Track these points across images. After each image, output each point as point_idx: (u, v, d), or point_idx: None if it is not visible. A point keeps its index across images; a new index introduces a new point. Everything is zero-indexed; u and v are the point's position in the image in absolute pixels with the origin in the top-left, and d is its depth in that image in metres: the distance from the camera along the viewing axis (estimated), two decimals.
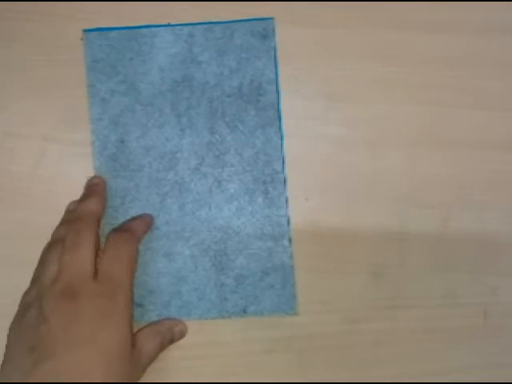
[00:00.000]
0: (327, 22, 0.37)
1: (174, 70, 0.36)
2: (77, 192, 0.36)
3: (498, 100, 0.37)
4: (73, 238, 0.32)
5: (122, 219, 0.36)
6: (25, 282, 0.35)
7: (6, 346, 0.31)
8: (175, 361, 0.36)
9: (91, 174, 0.36)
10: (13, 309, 0.35)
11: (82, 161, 0.36)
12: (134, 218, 0.36)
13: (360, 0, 0.37)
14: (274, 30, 0.36)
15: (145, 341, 0.33)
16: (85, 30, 0.36)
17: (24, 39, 0.37)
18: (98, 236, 0.33)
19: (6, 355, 0.30)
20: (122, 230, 0.34)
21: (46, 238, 0.35)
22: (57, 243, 0.33)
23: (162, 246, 0.36)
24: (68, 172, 0.36)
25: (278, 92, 0.36)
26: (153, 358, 0.33)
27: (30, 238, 0.35)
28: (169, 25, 0.36)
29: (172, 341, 0.35)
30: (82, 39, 0.37)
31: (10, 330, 0.31)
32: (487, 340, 0.36)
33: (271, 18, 0.36)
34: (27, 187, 0.36)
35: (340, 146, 0.37)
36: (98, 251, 0.32)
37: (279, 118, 0.36)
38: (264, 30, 0.36)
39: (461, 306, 0.36)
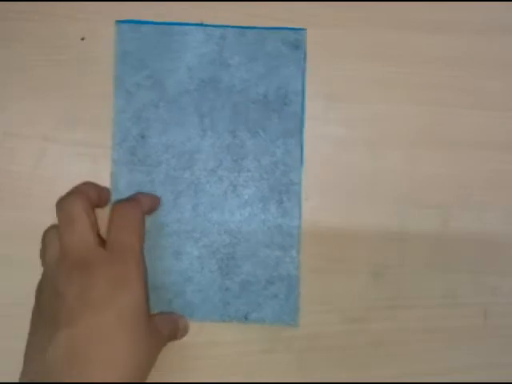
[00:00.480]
0: (327, 22, 0.37)
1: (201, 70, 0.36)
2: None
3: (498, 100, 0.37)
4: (66, 216, 0.32)
5: None
6: (25, 282, 0.35)
7: (28, 334, 0.31)
8: (175, 361, 0.36)
9: (91, 174, 0.36)
10: (13, 309, 0.35)
11: (82, 161, 0.36)
12: (140, 193, 0.36)
13: (360, 0, 0.37)
14: (305, 41, 0.36)
15: (160, 323, 0.33)
16: (117, 21, 0.36)
17: (24, 39, 0.37)
18: (93, 209, 0.33)
19: (27, 340, 0.31)
20: (127, 199, 0.35)
21: None
22: (52, 227, 0.33)
23: (171, 243, 0.36)
24: (68, 172, 0.36)
25: (303, 103, 0.36)
26: (166, 342, 0.33)
27: (30, 238, 0.35)
28: (201, 24, 0.36)
29: (176, 335, 0.35)
30: (82, 39, 0.37)
31: (31, 320, 0.32)
32: (487, 340, 0.36)
33: (304, 29, 0.36)
34: (27, 187, 0.36)
35: (340, 146, 0.37)
36: (96, 222, 0.32)
37: (301, 130, 0.36)
38: (296, 41, 0.36)
39: (461, 306, 0.36)
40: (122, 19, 0.36)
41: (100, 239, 0.32)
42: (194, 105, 0.36)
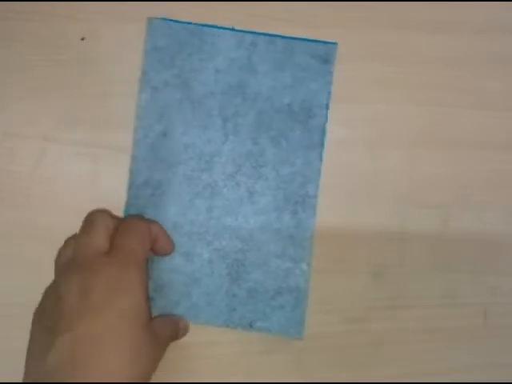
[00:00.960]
0: (327, 22, 0.37)
1: (229, 74, 0.36)
2: (77, 192, 0.36)
3: (498, 100, 0.37)
4: (86, 224, 0.33)
5: (149, 210, 0.36)
6: (25, 282, 0.35)
7: (30, 334, 0.31)
8: (176, 361, 0.36)
9: (91, 174, 0.36)
10: (13, 309, 0.35)
11: (82, 161, 0.36)
12: (160, 229, 0.35)
13: (360, 0, 0.37)
14: (335, 55, 0.36)
15: (160, 326, 0.33)
16: (150, 18, 0.36)
17: (24, 39, 0.37)
18: (112, 226, 0.33)
19: (28, 346, 0.31)
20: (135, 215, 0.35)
21: (46, 238, 0.36)
22: (74, 234, 0.34)
23: (182, 244, 0.36)
24: (68, 172, 0.36)
25: (326, 117, 0.36)
26: (167, 343, 0.33)
27: (30, 238, 0.36)
28: (233, 29, 0.36)
29: (177, 335, 0.35)
30: (82, 39, 0.37)
31: (32, 325, 0.32)
32: (487, 340, 0.36)
33: (334, 43, 0.36)
34: (27, 187, 0.36)
35: (340, 146, 0.37)
36: (112, 234, 0.32)
37: (323, 143, 0.36)
38: (325, 54, 0.36)
39: (461, 306, 0.36)
40: (155, 16, 0.37)
41: None
42: (219, 108, 0.36)
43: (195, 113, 0.36)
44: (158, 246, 0.34)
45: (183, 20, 0.36)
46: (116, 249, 0.31)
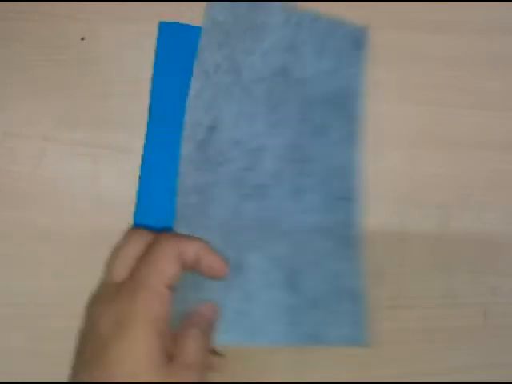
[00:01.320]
0: None
1: (275, 57, 0.34)
2: (77, 192, 0.36)
3: (498, 100, 0.37)
4: (114, 249, 0.31)
5: (195, 216, 0.33)
6: (24, 282, 0.35)
7: None
8: None
9: (91, 173, 0.36)
10: (12, 309, 0.35)
11: (82, 161, 0.36)
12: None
13: (360, 0, 0.37)
14: (369, 40, 0.35)
15: (186, 356, 0.27)
16: None
17: (24, 39, 0.37)
18: (141, 248, 0.30)
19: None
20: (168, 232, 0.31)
21: (46, 238, 0.36)
22: None
23: (232, 256, 0.32)
24: (68, 172, 0.36)
25: (363, 107, 0.35)
26: (205, 371, 0.28)
27: (30, 238, 0.36)
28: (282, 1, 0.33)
29: (212, 361, 0.31)
30: (82, 39, 0.37)
31: None
32: (487, 340, 0.36)
33: (366, 28, 0.35)
34: (27, 187, 0.36)
35: None
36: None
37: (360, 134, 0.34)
38: (360, 39, 0.35)
39: (461, 306, 0.36)
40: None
41: None
42: (264, 95, 0.33)
43: (243, 102, 0.33)
44: (204, 268, 0.30)
45: None
46: (129, 278, 0.28)
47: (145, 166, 0.36)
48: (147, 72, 0.37)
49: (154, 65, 0.36)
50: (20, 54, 0.37)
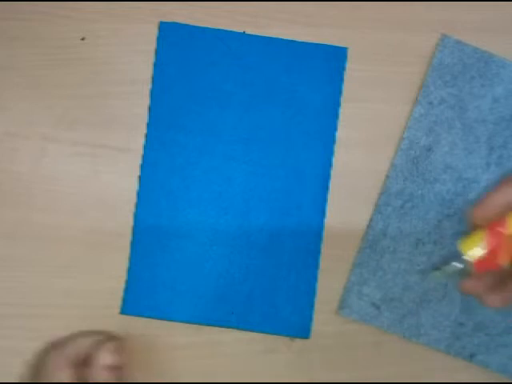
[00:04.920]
0: (328, 22, 0.37)
1: (505, 106, 0.36)
2: (77, 192, 0.36)
3: None
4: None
5: (394, 220, 0.36)
6: (24, 282, 0.35)
7: None
8: (175, 361, 0.36)
9: (91, 174, 0.36)
10: (12, 309, 0.35)
11: (82, 161, 0.36)
12: None
13: (360, 0, 0.37)
14: None
15: None
16: (443, 34, 0.37)
17: (24, 39, 0.37)
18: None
19: None
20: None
21: (46, 237, 0.36)
22: None
23: (419, 262, 0.35)
24: (68, 172, 0.36)
25: None
26: None
27: (30, 238, 0.36)
28: None
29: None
30: (82, 39, 0.37)
31: None
32: None
33: None
34: (27, 187, 0.36)
35: (340, 145, 0.37)
36: None
37: None
38: None
39: None
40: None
41: None
42: (488, 136, 0.36)
43: (463, 135, 0.36)
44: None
45: None
46: None
47: (145, 165, 0.36)
48: (147, 72, 0.37)
49: (154, 64, 0.36)
50: (20, 53, 0.37)
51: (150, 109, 0.36)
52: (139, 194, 0.36)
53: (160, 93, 0.36)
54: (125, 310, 0.35)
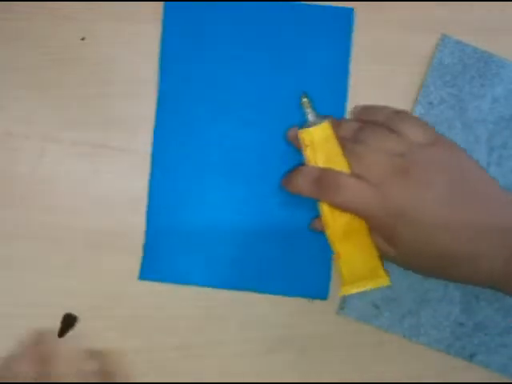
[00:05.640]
0: None
1: (505, 106, 0.36)
2: (77, 192, 0.36)
3: None
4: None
5: None
6: (24, 282, 0.35)
7: None
8: (175, 361, 0.36)
9: (91, 174, 0.36)
10: (12, 308, 0.35)
11: (82, 161, 0.36)
12: None
13: (360, 0, 0.37)
14: None
15: None
16: (444, 34, 0.37)
17: (24, 39, 0.37)
18: None
19: None
20: None
21: (46, 237, 0.36)
22: None
23: None
24: (68, 172, 0.36)
25: None
26: None
27: (30, 238, 0.36)
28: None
29: None
30: (82, 39, 0.37)
31: None
32: None
33: None
34: (27, 187, 0.36)
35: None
36: None
37: None
38: None
39: None
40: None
41: None
42: (487, 136, 0.36)
43: (463, 135, 0.36)
44: None
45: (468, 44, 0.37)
46: None
47: (157, 133, 0.36)
48: (147, 72, 0.37)
49: (162, 38, 0.36)
50: (20, 53, 0.37)
51: (161, 80, 0.36)
52: (153, 163, 0.36)
53: (169, 64, 0.36)
54: (143, 274, 0.36)
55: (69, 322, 0.35)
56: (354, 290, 0.32)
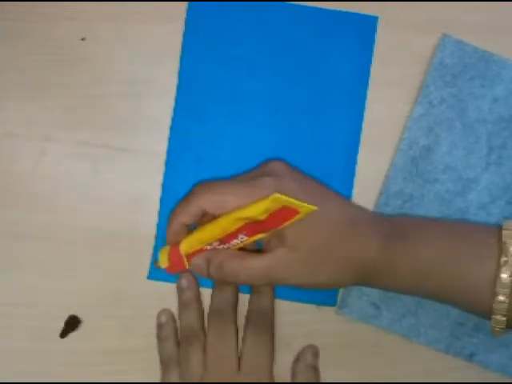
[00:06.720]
0: None
1: (505, 106, 0.36)
2: (77, 192, 0.36)
3: None
4: (215, 333, 0.34)
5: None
6: (24, 282, 0.35)
7: None
8: None
9: (91, 174, 0.36)
10: (12, 308, 0.35)
11: (82, 161, 0.36)
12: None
13: (359, 0, 0.37)
14: None
15: None
16: (444, 33, 0.37)
17: (24, 39, 0.37)
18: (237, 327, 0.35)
19: None
20: (256, 319, 0.35)
21: (46, 237, 0.36)
22: (194, 339, 0.34)
23: None
24: (68, 172, 0.36)
25: None
26: None
27: (30, 238, 0.36)
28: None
29: None
30: (82, 39, 0.37)
31: None
32: None
33: None
34: (27, 187, 0.36)
35: None
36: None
37: None
38: None
39: None
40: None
41: None
42: (487, 136, 0.36)
43: (463, 135, 0.36)
44: None
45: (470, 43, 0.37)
46: (248, 369, 0.34)
47: (174, 130, 0.36)
48: (147, 72, 0.37)
49: (184, 36, 0.37)
50: (20, 53, 0.37)
51: (180, 77, 0.36)
52: (167, 164, 0.36)
53: (190, 63, 0.36)
54: (152, 274, 0.36)
55: (73, 323, 0.35)
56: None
